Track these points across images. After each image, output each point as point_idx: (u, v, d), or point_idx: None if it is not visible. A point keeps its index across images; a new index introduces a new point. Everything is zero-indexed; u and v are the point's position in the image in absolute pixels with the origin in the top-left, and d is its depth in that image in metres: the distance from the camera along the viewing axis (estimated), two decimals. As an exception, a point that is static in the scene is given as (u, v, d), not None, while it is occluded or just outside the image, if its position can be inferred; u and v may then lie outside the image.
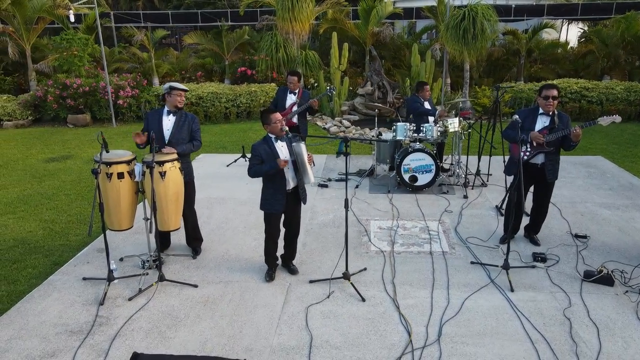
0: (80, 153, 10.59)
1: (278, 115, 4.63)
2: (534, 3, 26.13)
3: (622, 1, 17.80)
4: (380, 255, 5.44)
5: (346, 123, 12.05)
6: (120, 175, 4.74)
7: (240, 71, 14.85)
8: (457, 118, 7.53)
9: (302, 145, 4.52)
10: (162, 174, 4.75)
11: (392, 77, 15.14)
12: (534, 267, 5.06)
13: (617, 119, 5.15)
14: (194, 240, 5.59)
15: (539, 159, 5.24)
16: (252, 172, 4.67)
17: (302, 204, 4.90)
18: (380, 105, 9.28)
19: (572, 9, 18.12)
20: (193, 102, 13.32)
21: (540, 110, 5.19)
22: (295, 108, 7.51)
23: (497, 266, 5.00)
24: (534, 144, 5.16)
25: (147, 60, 15.74)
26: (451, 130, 7.49)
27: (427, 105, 7.97)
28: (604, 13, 18.50)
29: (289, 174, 4.65)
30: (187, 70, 15.87)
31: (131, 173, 4.82)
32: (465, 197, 7.15)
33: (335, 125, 11.94)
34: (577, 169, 8.57)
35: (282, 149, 4.66)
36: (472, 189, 7.50)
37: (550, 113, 5.15)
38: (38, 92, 13.53)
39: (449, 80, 12.87)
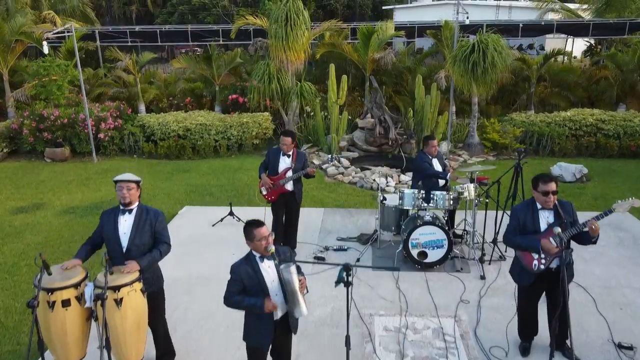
0: (54, 200, 9.63)
1: (264, 231, 3.70)
2: (539, 18, 25.33)
3: (635, 20, 16.92)
4: (388, 374, 4.52)
5: (345, 163, 11.11)
6: (66, 303, 3.80)
7: (232, 99, 13.90)
8: (473, 184, 6.61)
9: (293, 270, 3.58)
10: (118, 302, 3.81)
11: (393, 104, 14.24)
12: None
13: (636, 203, 4.23)
14: (165, 355, 4.66)
15: (555, 263, 4.37)
16: (231, 303, 3.74)
17: (293, 334, 3.98)
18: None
19: (582, 28, 17.23)
20: (180, 134, 12.38)
21: (539, 205, 4.33)
22: (289, 173, 6.57)
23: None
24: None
25: (132, 85, 14.78)
26: (465, 197, 6.59)
27: (436, 163, 7.06)
28: (616, 32, 17.64)
29: (277, 300, 3.73)
30: (175, 96, 14.90)
31: (80, 298, 3.87)
32: (483, 277, 6.23)
33: (333, 165, 11.00)
34: (605, 232, 7.59)
35: (268, 271, 3.74)
36: (490, 264, 6.59)
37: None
38: (13, 123, 12.56)
39: (454, 109, 11.96)
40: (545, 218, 4.38)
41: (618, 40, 18.21)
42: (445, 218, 6.89)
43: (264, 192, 6.70)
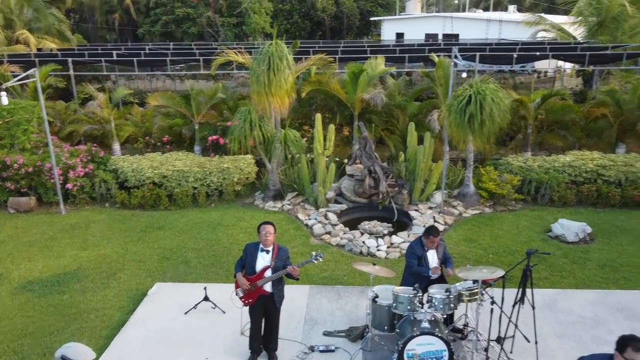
0: (12, 269, 8.74)
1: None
2: (531, 37, 24.84)
3: (633, 51, 16.40)
4: None
5: (333, 218, 10.34)
6: None
7: (212, 140, 13.07)
8: (477, 285, 5.87)
9: None
10: None
11: (384, 146, 13.51)
12: None
13: None
14: None
15: None
16: None
17: None
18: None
19: (578, 56, 16.67)
20: (156, 181, 11.52)
21: None
22: (268, 273, 5.78)
23: None
24: None
25: (107, 121, 13.87)
26: (467, 301, 5.87)
27: (432, 256, 6.33)
28: (613, 61, 17.11)
29: None
30: (152, 135, 14.01)
31: None
32: (489, 396, 5.52)
33: (319, 222, 10.22)
34: (616, 319, 6.97)
35: None
36: (495, 372, 5.88)
37: None
38: (-27, 171, 11.61)
39: (447, 157, 11.27)
40: None
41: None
42: (445, 316, 6.18)
43: (240, 295, 5.91)
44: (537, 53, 15.50)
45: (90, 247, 9.60)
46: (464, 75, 10.88)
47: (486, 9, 44.97)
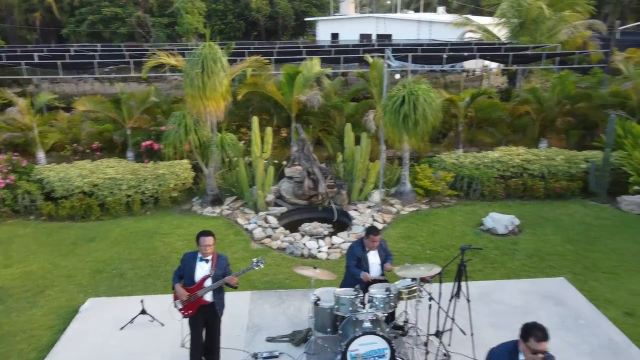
0: None
1: None
2: (459, 37, 25.86)
3: (550, 51, 17.47)
4: None
5: (273, 221, 10.28)
6: None
7: (145, 145, 12.63)
8: (416, 282, 6.03)
9: None
10: None
11: (322, 146, 13.60)
12: None
13: None
14: None
15: None
16: None
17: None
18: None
19: (503, 56, 17.58)
20: (86, 191, 10.98)
21: (523, 356, 3.82)
22: (208, 282, 5.64)
23: None
24: None
25: (29, 128, 13.06)
26: (407, 298, 6.01)
27: (374, 256, 6.44)
28: (533, 62, 18.17)
29: None
30: (81, 142, 13.34)
31: None
32: (429, 389, 5.68)
33: (259, 226, 10.13)
34: (544, 306, 7.38)
35: None
36: (435, 365, 6.05)
37: None
38: None
39: (384, 156, 11.49)
40: None
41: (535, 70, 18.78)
42: (386, 314, 6.29)
43: (180, 306, 5.74)
44: (466, 53, 16.18)
45: (14, 263, 9.00)
46: (397, 76, 11.14)
47: (417, 10, 46.38)
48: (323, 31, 37.80)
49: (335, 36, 36.13)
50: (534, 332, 3.75)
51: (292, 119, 13.13)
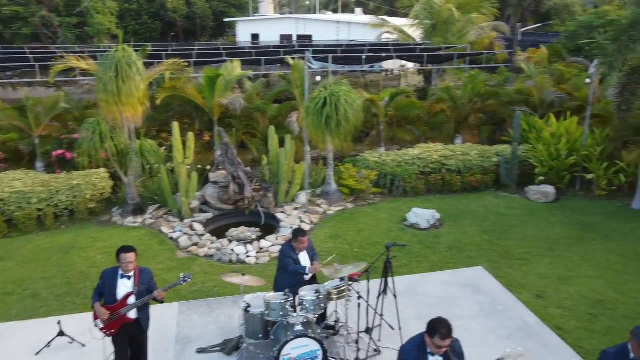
0: None
1: None
2: (377, 38, 26.60)
3: (461, 52, 18.45)
4: None
5: (199, 228, 10.04)
6: None
7: (57, 155, 11.86)
8: (344, 282, 6.14)
9: None
10: None
11: (246, 150, 13.46)
12: None
13: (523, 353, 4.15)
14: None
15: None
16: None
17: None
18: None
19: (418, 57, 18.31)
20: (-10, 206, 10.13)
21: (429, 349, 4.04)
22: (132, 299, 5.39)
23: None
24: None
25: None
26: (336, 298, 6.11)
27: (304, 257, 6.48)
28: (446, 62, 19.10)
29: None
30: (-19, 153, 12.30)
31: None
32: (362, 386, 5.81)
33: (185, 234, 9.86)
34: (464, 295, 7.80)
35: None
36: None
37: None
38: None
39: (308, 157, 11.60)
40: None
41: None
42: (316, 316, 6.35)
43: (101, 325, 5.45)
44: (384, 54, 16.67)
45: None
46: (318, 78, 11.29)
47: (335, 11, 47.17)
48: (243, 32, 37.43)
49: (255, 37, 35.89)
50: (439, 329, 3.94)
51: (215, 123, 12.88)
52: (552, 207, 11.50)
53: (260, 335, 6.15)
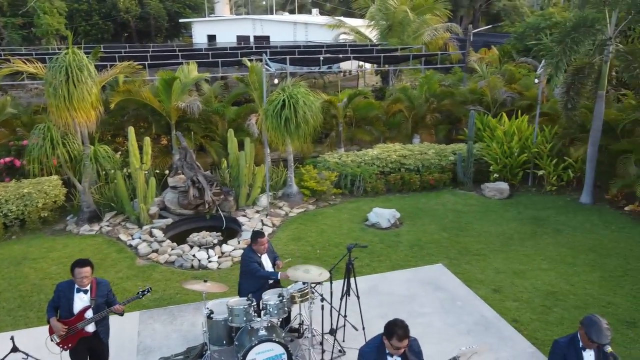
0: None
1: None
2: (334, 39, 26.78)
3: (416, 53, 18.83)
4: None
5: (159, 235, 9.84)
6: None
7: (5, 162, 11.36)
8: (307, 285, 6.16)
9: None
10: None
11: (205, 153, 13.29)
12: None
13: (478, 350, 4.29)
14: None
15: None
16: None
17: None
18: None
19: (375, 58, 18.55)
20: None
21: (388, 350, 4.13)
22: (89, 313, 5.23)
23: None
24: None
25: None
26: (300, 301, 6.12)
27: (266, 260, 6.47)
28: (403, 62, 19.42)
29: None
30: None
31: None
32: (327, 387, 5.85)
33: (144, 240, 9.65)
34: (425, 293, 7.97)
35: None
36: (331, 362, 6.25)
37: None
38: None
39: (269, 159, 11.56)
40: None
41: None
42: (280, 319, 6.35)
43: (57, 340, 5.27)
44: (341, 55, 16.81)
45: None
46: (276, 81, 11.28)
47: (292, 12, 47.15)
48: (199, 33, 36.92)
49: (212, 38, 35.47)
50: (396, 331, 4.01)
51: (172, 127, 12.66)
52: (506, 203, 11.90)
53: (225, 342, 6.11)
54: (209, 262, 9.06)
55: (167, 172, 12.23)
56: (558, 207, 11.52)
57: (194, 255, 9.18)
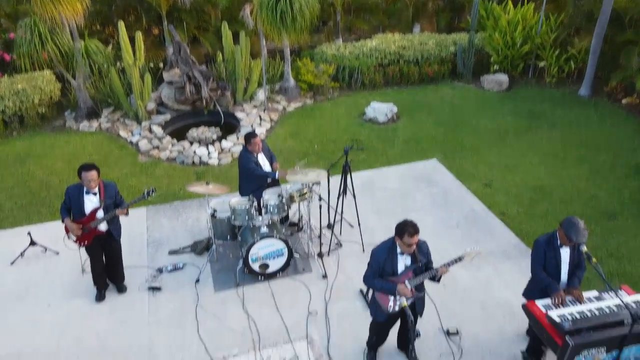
0: None
1: None
2: None
3: None
4: None
5: (158, 131, 9.94)
6: None
7: (-6, 57, 11.10)
8: (306, 185, 6.42)
9: None
10: None
11: (200, 44, 12.90)
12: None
13: (481, 252, 4.63)
14: None
15: (409, 301, 4.61)
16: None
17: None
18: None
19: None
20: None
21: (400, 249, 4.44)
22: (100, 214, 5.54)
23: None
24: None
25: None
26: (299, 201, 6.43)
27: (262, 159, 6.66)
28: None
29: None
30: None
31: None
32: (325, 276, 6.36)
33: (144, 137, 9.78)
34: (419, 188, 8.29)
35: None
36: (329, 255, 6.72)
37: None
38: None
39: (265, 52, 11.27)
40: (404, 261, 4.44)
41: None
42: (280, 217, 6.71)
43: (74, 239, 5.64)
44: None
45: None
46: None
47: None
48: None
49: None
50: (407, 228, 4.28)
51: (163, 18, 12.14)
52: (504, 96, 11.86)
53: (229, 237, 6.51)
54: (210, 158, 9.28)
55: (161, 65, 12.00)
56: (555, 100, 11.51)
57: (194, 152, 9.38)
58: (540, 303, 4.46)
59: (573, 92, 11.89)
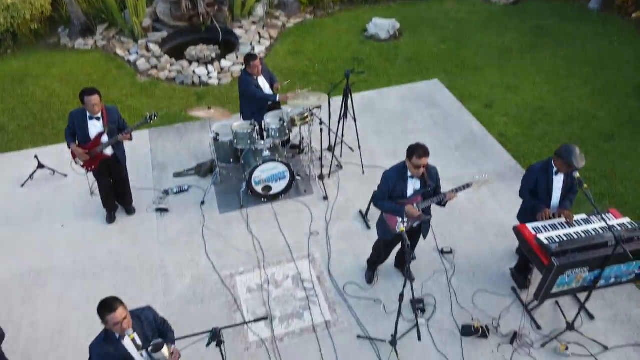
0: None
1: (118, 316, 3.28)
2: None
3: None
4: (262, 348, 4.92)
5: (155, 49, 9.72)
6: None
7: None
8: (307, 109, 6.44)
9: (164, 353, 3.40)
10: None
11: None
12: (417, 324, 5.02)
13: (490, 180, 4.75)
14: None
15: (415, 223, 4.85)
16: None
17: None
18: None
19: None
20: None
21: (410, 173, 4.57)
22: (104, 138, 5.62)
23: (384, 341, 4.89)
24: None
25: None
26: (300, 124, 6.48)
27: (263, 82, 6.62)
28: None
29: None
30: None
31: None
32: (326, 198, 6.59)
33: (142, 56, 9.59)
34: (419, 109, 8.28)
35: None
36: (329, 177, 6.91)
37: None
38: None
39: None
40: (413, 185, 4.60)
41: None
42: (282, 141, 6.81)
43: (81, 163, 5.78)
44: None
45: None
46: None
47: None
48: None
49: None
50: (416, 150, 4.37)
51: None
52: (511, 10, 11.44)
53: (232, 160, 6.65)
54: (209, 78, 9.19)
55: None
56: (564, 15, 11.12)
57: (194, 71, 9.26)
58: (530, 226, 4.69)
59: (583, 6, 11.45)
